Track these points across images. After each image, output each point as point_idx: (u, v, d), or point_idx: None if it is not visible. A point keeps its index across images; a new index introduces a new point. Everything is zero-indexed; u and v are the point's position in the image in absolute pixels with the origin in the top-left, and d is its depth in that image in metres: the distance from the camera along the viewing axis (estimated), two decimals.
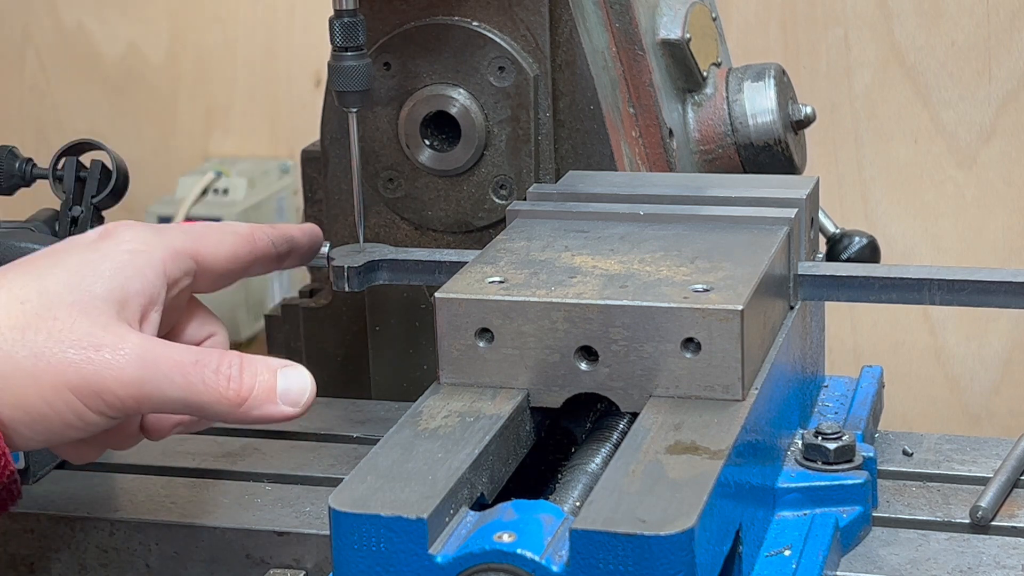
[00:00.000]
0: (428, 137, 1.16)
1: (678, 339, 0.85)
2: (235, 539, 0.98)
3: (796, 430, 0.98)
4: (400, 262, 1.06)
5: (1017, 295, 0.95)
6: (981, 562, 0.90)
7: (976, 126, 1.71)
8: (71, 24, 1.97)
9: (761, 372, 0.89)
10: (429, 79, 1.15)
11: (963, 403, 1.77)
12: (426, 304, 1.16)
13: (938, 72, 1.71)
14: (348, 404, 1.17)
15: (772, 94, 1.24)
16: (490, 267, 0.93)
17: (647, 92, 1.19)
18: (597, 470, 0.86)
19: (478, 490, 0.81)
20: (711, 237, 0.97)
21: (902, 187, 1.74)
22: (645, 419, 0.84)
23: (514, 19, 1.13)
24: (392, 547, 0.75)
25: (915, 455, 1.04)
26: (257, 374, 0.85)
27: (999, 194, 1.71)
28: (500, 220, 1.13)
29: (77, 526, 1.01)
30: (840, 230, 1.26)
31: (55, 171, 1.10)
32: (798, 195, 1.02)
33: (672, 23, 1.22)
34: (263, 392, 0.84)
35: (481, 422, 0.85)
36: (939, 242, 1.74)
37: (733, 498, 0.81)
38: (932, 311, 1.74)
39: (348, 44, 1.06)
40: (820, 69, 1.73)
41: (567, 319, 0.87)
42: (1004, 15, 1.67)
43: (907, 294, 0.97)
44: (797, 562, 0.87)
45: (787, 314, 0.98)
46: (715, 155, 1.25)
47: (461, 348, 0.89)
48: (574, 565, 0.72)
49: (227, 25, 1.93)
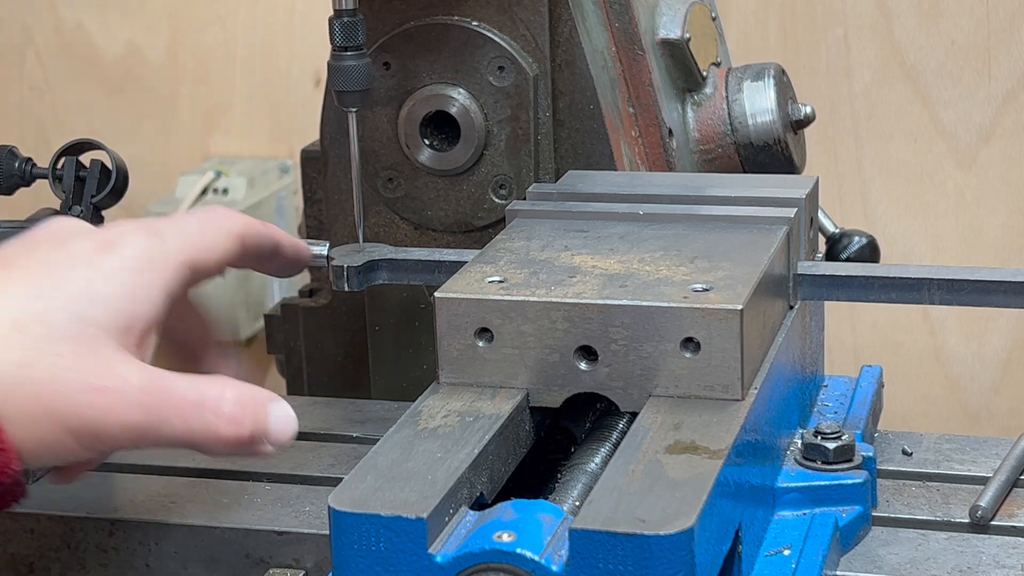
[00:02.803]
0: (428, 137, 1.16)
1: (678, 339, 0.85)
2: (235, 539, 0.98)
3: (796, 430, 0.98)
4: (400, 262, 1.06)
5: (1017, 295, 0.95)
6: (981, 562, 0.90)
7: (976, 126, 1.71)
8: (71, 24, 1.97)
9: (761, 372, 0.89)
10: (429, 79, 1.15)
11: (963, 403, 1.77)
12: (426, 304, 1.16)
13: (938, 72, 1.70)
14: (348, 404, 1.17)
15: (772, 94, 1.24)
16: (490, 267, 0.93)
17: (647, 92, 1.19)
18: (597, 470, 0.86)
19: (478, 490, 0.81)
20: (711, 237, 0.97)
21: (902, 187, 1.74)
22: (645, 419, 0.84)
23: (514, 19, 1.13)
24: (392, 547, 0.75)
25: (915, 455, 1.04)
26: (255, 415, 0.82)
27: (999, 194, 1.71)
28: (500, 220, 1.13)
29: (77, 526, 1.01)
30: (840, 230, 1.26)
31: (55, 171, 1.10)
32: (798, 195, 1.02)
33: (672, 23, 1.22)
34: (258, 434, 0.83)
35: (481, 422, 0.85)
36: (939, 242, 1.74)
37: (733, 498, 0.81)
38: (932, 311, 1.74)
39: (348, 44, 1.06)
40: (820, 69, 1.73)
41: (567, 319, 0.87)
42: (1004, 15, 1.67)
43: (907, 294, 0.97)
44: (797, 562, 0.87)
45: (787, 314, 0.98)
46: (715, 155, 1.25)
47: (461, 348, 0.89)
48: (574, 565, 0.72)
49: (227, 25, 1.93)
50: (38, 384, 0.78)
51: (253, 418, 0.82)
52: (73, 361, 0.79)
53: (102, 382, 0.79)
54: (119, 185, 1.10)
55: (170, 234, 0.87)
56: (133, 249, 0.84)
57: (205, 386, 0.82)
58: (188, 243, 0.87)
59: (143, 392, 0.80)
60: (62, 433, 0.79)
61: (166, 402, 0.80)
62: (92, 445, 0.80)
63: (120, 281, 0.83)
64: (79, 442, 0.80)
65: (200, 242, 0.88)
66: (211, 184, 1.87)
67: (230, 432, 0.81)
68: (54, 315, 0.80)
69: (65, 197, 1.09)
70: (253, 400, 0.82)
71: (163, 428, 0.80)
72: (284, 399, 0.84)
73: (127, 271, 0.83)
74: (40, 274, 0.82)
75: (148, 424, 0.80)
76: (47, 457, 0.80)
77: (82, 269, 0.83)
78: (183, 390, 0.81)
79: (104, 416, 0.79)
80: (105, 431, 0.80)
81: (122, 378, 0.80)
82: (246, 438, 0.82)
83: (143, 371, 0.81)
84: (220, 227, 0.90)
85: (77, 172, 1.10)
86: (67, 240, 0.85)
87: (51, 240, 0.85)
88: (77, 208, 1.09)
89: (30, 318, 0.79)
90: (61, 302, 0.80)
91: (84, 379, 0.79)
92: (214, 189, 1.87)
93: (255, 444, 0.82)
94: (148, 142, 1.97)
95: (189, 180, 1.88)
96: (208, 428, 0.81)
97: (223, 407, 0.81)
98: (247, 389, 0.83)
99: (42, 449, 0.79)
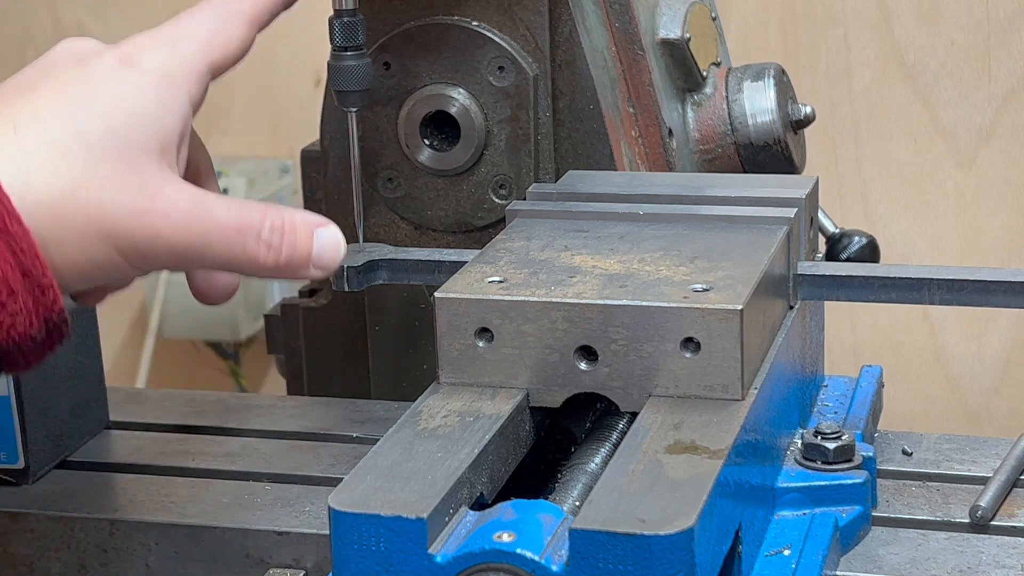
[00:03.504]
0: (428, 137, 1.16)
1: (678, 339, 0.85)
2: (235, 539, 0.98)
3: (796, 430, 0.98)
4: (400, 262, 1.06)
5: (1017, 295, 0.95)
6: (981, 562, 0.90)
7: (976, 126, 1.71)
8: (71, 24, 1.97)
9: (761, 372, 0.89)
10: (429, 79, 1.15)
11: (963, 403, 1.77)
12: (426, 304, 1.16)
13: (938, 72, 1.71)
14: (348, 404, 1.17)
15: (772, 94, 1.24)
16: (490, 267, 0.93)
17: (647, 92, 1.19)
18: (597, 470, 0.86)
19: (478, 490, 0.81)
20: (711, 237, 0.97)
21: (902, 187, 1.74)
22: (645, 419, 0.84)
23: (514, 19, 1.13)
24: (392, 547, 0.75)
25: (915, 455, 1.04)
26: (296, 240, 0.83)
27: (999, 194, 1.71)
28: (500, 220, 1.13)
29: (77, 526, 1.01)
30: (840, 230, 1.26)
31: None
32: (797, 195, 1.02)
33: (672, 23, 1.22)
34: (299, 259, 0.83)
35: (481, 422, 0.85)
36: (939, 242, 1.74)
37: (733, 498, 0.81)
38: (932, 311, 1.74)
39: (348, 44, 1.06)
40: (820, 69, 1.73)
41: (567, 319, 0.87)
42: (1004, 15, 1.68)
43: (907, 294, 0.97)
44: (797, 562, 0.87)
45: (787, 314, 0.98)
46: (715, 155, 1.25)
47: (461, 348, 0.89)
48: (574, 565, 0.72)
49: None
50: (87, 207, 0.78)
51: (292, 244, 0.83)
52: (119, 182, 0.79)
53: (150, 204, 0.79)
54: None
55: (185, 40, 0.86)
56: (152, 63, 0.84)
57: (247, 212, 0.82)
58: (205, 46, 0.86)
59: (189, 215, 0.80)
60: (114, 254, 0.79)
61: (209, 226, 0.81)
62: (140, 265, 0.81)
63: (149, 98, 0.82)
64: (128, 262, 0.80)
65: (216, 40, 0.87)
66: None
67: (268, 258, 0.82)
68: (93, 136, 0.79)
69: None
70: (293, 226, 0.83)
71: (205, 252, 0.81)
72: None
73: (152, 87, 0.83)
74: (69, 95, 0.81)
75: (192, 246, 0.80)
76: (100, 278, 0.81)
77: (108, 87, 0.82)
78: (224, 214, 0.81)
79: (153, 238, 0.79)
80: (152, 252, 0.80)
81: (168, 200, 0.80)
82: (283, 263, 0.83)
83: (188, 192, 0.81)
84: (232, 17, 0.88)
85: None
86: (85, 59, 0.84)
87: (69, 60, 0.84)
88: None
89: (71, 140, 0.79)
90: (97, 123, 0.80)
91: (132, 202, 0.79)
92: None
93: (296, 269, 0.83)
94: None
95: None
96: (247, 253, 0.82)
97: (263, 233, 0.82)
98: (289, 214, 0.83)
99: (95, 270, 0.80)
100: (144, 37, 0.86)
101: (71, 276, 0.79)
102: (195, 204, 0.81)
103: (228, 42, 0.87)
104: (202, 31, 0.87)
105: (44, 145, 0.78)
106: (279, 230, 0.82)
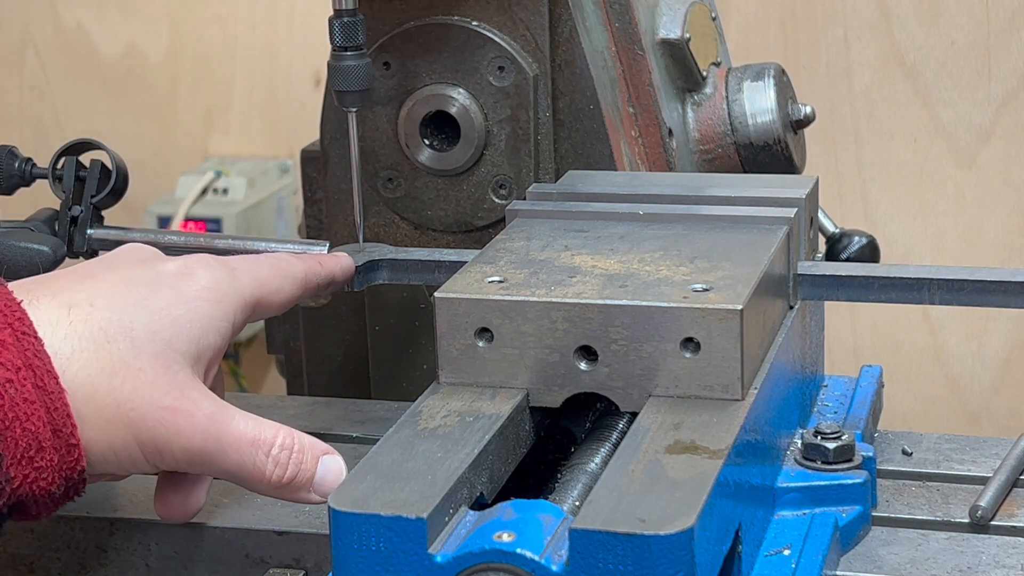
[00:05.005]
0: (428, 137, 1.16)
1: (678, 339, 0.85)
2: (235, 539, 0.98)
3: (796, 430, 0.98)
4: (400, 262, 1.06)
5: (1017, 295, 0.95)
6: (981, 562, 0.90)
7: (976, 126, 1.71)
8: (71, 24, 1.97)
9: (761, 372, 0.89)
10: (429, 79, 1.15)
11: (963, 403, 1.77)
12: (426, 304, 1.16)
13: (938, 72, 1.71)
14: (348, 404, 1.17)
15: (772, 94, 1.24)
16: (490, 267, 0.93)
17: (647, 92, 1.19)
18: (596, 470, 0.86)
19: (478, 490, 0.81)
20: (711, 237, 0.97)
21: (902, 187, 1.74)
22: (644, 419, 0.84)
23: (514, 19, 1.13)
24: (392, 547, 0.75)
25: (914, 455, 1.04)
26: (302, 462, 0.87)
27: (999, 194, 1.71)
28: (500, 220, 1.13)
29: (77, 526, 1.01)
30: (840, 230, 1.26)
31: (55, 171, 1.10)
32: (797, 195, 1.02)
33: (672, 23, 1.22)
34: (302, 481, 0.87)
35: (481, 422, 0.85)
36: (939, 242, 1.74)
37: (732, 498, 0.81)
38: (932, 311, 1.74)
39: (348, 44, 1.06)
40: (820, 69, 1.73)
41: (567, 319, 0.87)
42: (1004, 15, 1.67)
43: (907, 294, 0.97)
44: (796, 562, 0.87)
45: (787, 314, 0.98)
46: (715, 155, 1.25)
47: (461, 348, 0.89)
48: (574, 565, 0.72)
49: (227, 24, 1.93)
50: (118, 394, 0.83)
51: (298, 465, 0.87)
52: (152, 378, 0.83)
53: (176, 403, 0.84)
54: (119, 185, 1.10)
55: (243, 272, 0.92)
56: (209, 280, 0.89)
57: (262, 427, 0.86)
58: (258, 283, 0.92)
59: (210, 420, 0.84)
60: (133, 444, 0.84)
61: (227, 434, 0.85)
62: (155, 460, 0.85)
63: (197, 309, 0.87)
64: (145, 455, 0.84)
65: (268, 284, 0.93)
66: (211, 184, 1.87)
67: (274, 474, 0.86)
68: (138, 332, 0.84)
69: (65, 197, 1.09)
70: (302, 448, 0.87)
71: (219, 458, 0.85)
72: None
73: (203, 300, 0.88)
74: (125, 291, 0.86)
75: (207, 451, 0.85)
76: (113, 464, 0.85)
77: (164, 292, 0.87)
78: (243, 425, 0.86)
79: (174, 435, 0.84)
80: (169, 449, 0.84)
81: (194, 403, 0.84)
82: (286, 482, 0.86)
83: (212, 400, 0.85)
84: (287, 272, 0.95)
85: (77, 172, 1.10)
86: (147, 262, 0.90)
87: (133, 261, 0.90)
88: (77, 208, 1.09)
89: (118, 331, 0.84)
90: (144, 320, 0.85)
91: (161, 398, 0.83)
92: (214, 189, 1.87)
93: (297, 490, 0.87)
94: (148, 142, 1.98)
95: (189, 180, 1.88)
96: (256, 466, 0.86)
97: (273, 451, 0.86)
98: (300, 438, 0.87)
99: (111, 455, 0.84)
100: (209, 256, 0.92)
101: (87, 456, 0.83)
102: (217, 411, 0.85)
103: (278, 291, 0.94)
104: (261, 272, 0.93)
105: (92, 329, 0.83)
106: (289, 449, 0.87)
